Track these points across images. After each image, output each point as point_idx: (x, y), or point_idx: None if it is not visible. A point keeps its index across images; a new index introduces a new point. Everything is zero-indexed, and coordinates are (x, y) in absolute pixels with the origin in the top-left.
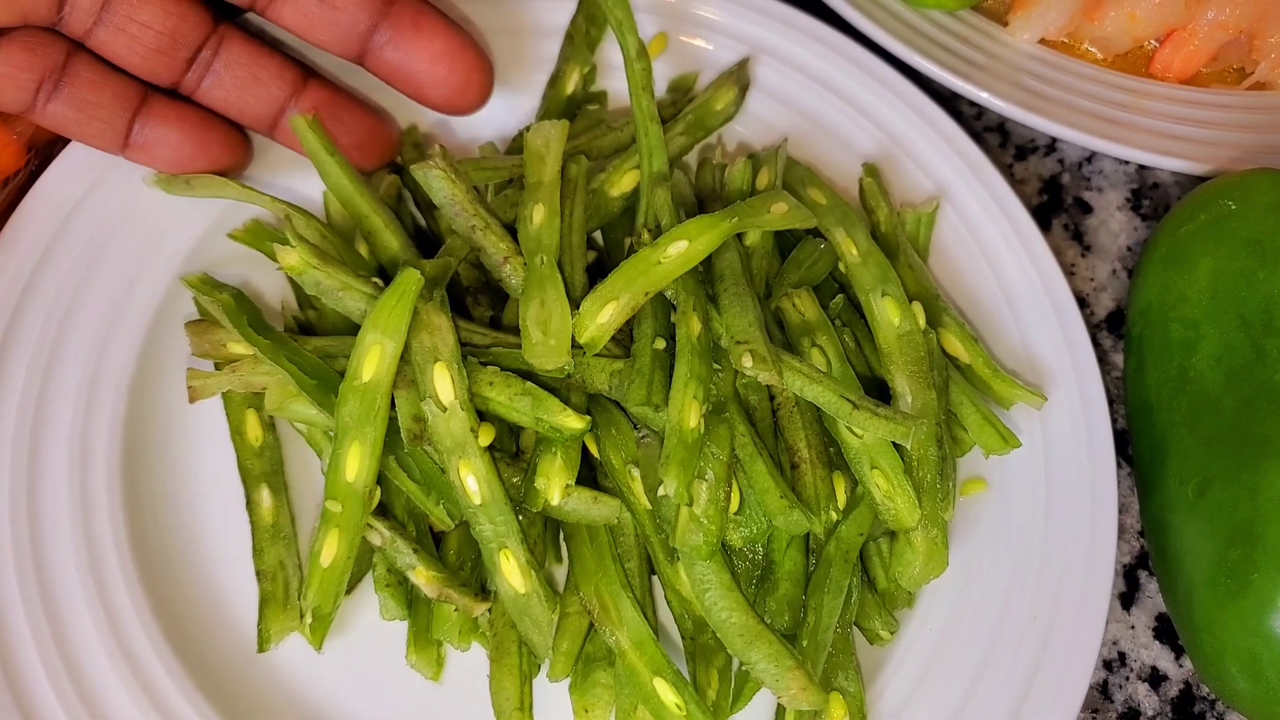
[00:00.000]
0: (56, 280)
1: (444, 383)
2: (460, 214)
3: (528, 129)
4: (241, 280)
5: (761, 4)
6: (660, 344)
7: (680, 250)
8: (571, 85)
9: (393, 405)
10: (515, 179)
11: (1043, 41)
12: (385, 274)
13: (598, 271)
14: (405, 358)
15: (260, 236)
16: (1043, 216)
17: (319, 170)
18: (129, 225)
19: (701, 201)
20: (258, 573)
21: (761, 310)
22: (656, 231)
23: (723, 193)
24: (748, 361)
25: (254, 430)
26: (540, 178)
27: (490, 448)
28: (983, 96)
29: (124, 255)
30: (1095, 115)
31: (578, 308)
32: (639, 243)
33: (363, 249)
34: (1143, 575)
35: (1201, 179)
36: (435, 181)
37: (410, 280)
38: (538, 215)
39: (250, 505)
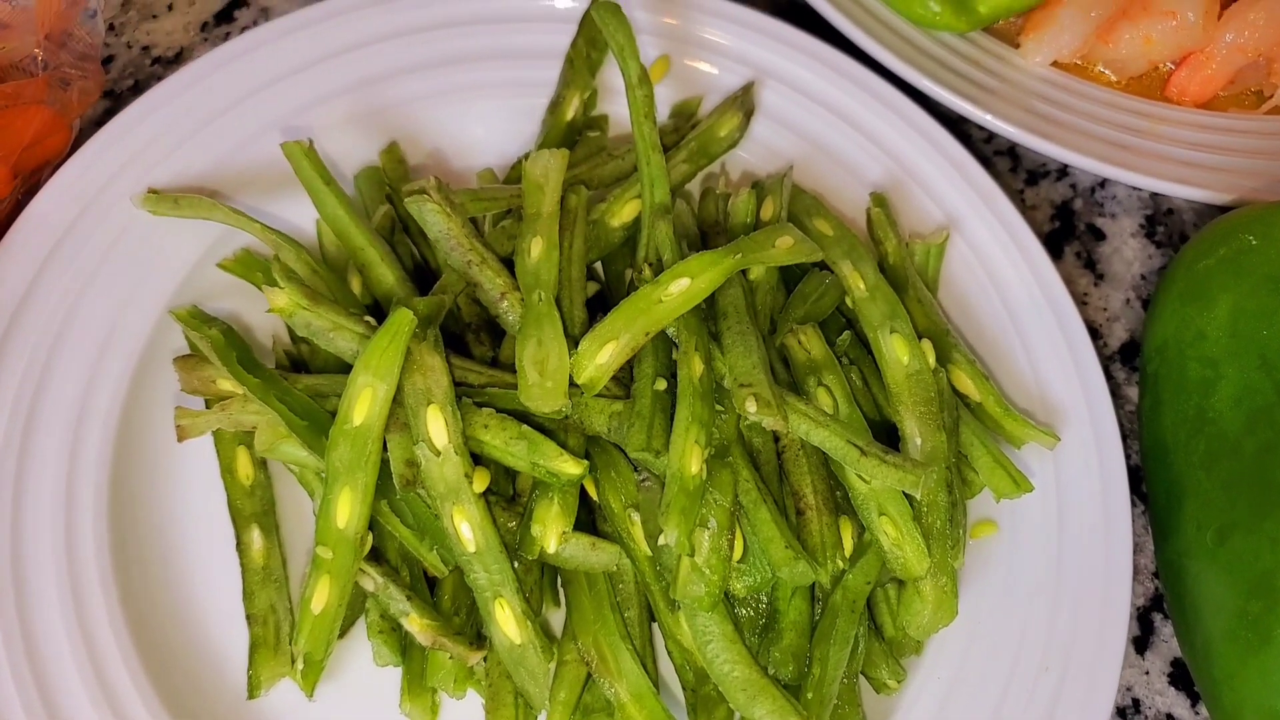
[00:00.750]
0: (43, 313)
1: (438, 426)
2: (455, 248)
3: (526, 157)
4: (232, 312)
5: (766, 26)
6: (661, 384)
7: (682, 288)
8: (572, 111)
9: (385, 448)
10: (513, 209)
11: (1055, 64)
12: (379, 309)
13: (598, 304)
14: (398, 400)
15: (251, 267)
16: (1054, 244)
17: (313, 200)
18: (117, 256)
19: (704, 233)
20: (248, 616)
21: (766, 348)
22: (658, 266)
23: (726, 224)
24: (752, 406)
25: (245, 468)
26: (539, 209)
27: (485, 491)
28: (993, 122)
29: (112, 287)
30: (1108, 141)
31: (576, 346)
32: (640, 279)
33: (355, 282)
34: (1157, 618)
35: (1219, 207)
36: (430, 215)
37: (403, 321)
38: (536, 249)
39: (241, 547)
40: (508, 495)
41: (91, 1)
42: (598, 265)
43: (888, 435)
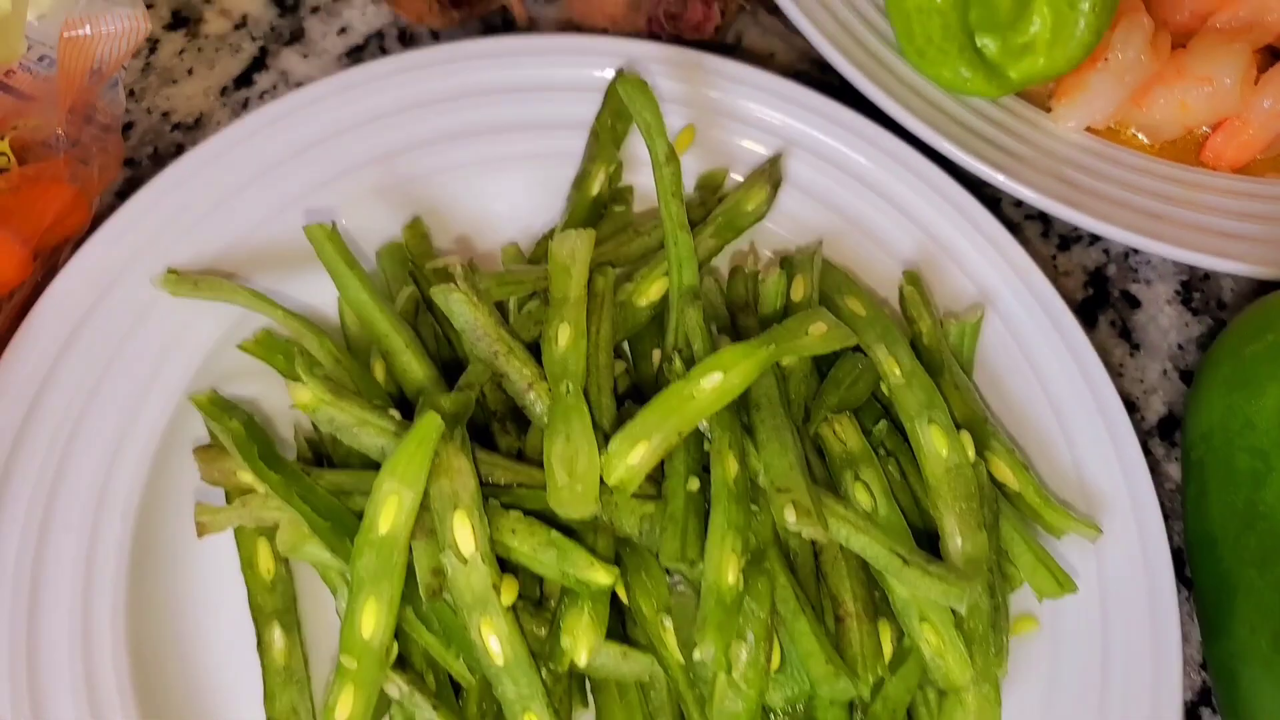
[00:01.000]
0: (64, 396)
1: (464, 532)
2: (482, 339)
3: (551, 234)
4: (253, 395)
5: (794, 94)
6: (694, 484)
7: (714, 384)
8: (597, 186)
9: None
10: (539, 292)
11: (1087, 129)
12: (404, 398)
13: (627, 388)
14: (424, 504)
15: (271, 349)
16: (1088, 313)
17: (337, 284)
18: (138, 338)
19: (734, 315)
20: None
21: (801, 442)
22: (688, 354)
23: (756, 307)
24: (790, 515)
25: (266, 562)
26: (566, 293)
27: None
28: (1024, 192)
29: (133, 370)
30: (1143, 211)
31: (606, 440)
32: (670, 370)
33: (379, 367)
34: (1206, 713)
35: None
36: (456, 305)
37: (431, 426)
38: (563, 337)
39: (262, 646)
40: (535, 599)
41: (115, 72)
42: (623, 343)
43: (926, 531)
